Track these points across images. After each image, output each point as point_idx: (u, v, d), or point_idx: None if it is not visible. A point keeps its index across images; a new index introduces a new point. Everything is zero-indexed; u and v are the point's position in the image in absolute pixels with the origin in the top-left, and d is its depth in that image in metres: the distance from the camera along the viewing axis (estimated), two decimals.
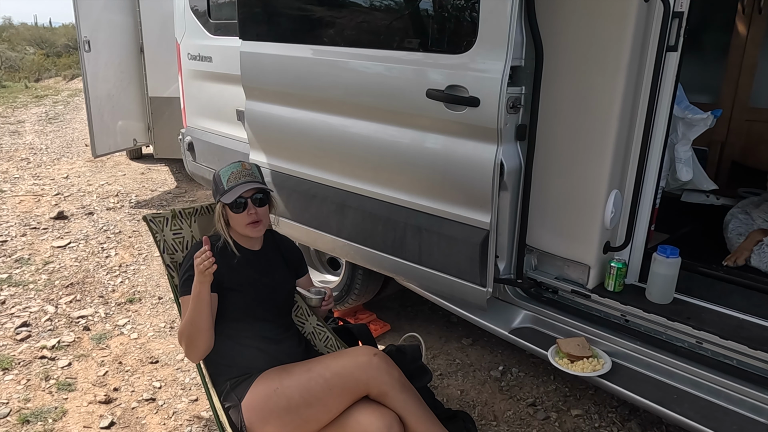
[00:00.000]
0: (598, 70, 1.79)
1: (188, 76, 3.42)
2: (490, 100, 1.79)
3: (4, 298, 3.21)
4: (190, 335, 1.64)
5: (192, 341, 1.65)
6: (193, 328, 1.63)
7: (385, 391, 1.56)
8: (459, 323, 3.01)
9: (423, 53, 1.98)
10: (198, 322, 1.63)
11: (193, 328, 1.63)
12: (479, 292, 2.01)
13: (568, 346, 1.93)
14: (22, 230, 4.23)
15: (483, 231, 1.94)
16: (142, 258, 3.83)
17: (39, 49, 17.91)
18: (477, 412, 2.36)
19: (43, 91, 12.45)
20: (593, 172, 1.88)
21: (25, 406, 2.35)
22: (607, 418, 2.32)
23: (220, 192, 1.76)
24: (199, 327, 1.63)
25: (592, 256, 1.99)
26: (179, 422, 2.28)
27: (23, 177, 5.60)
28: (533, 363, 2.67)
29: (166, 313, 3.13)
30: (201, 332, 1.64)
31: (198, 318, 1.62)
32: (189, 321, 1.63)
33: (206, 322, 1.64)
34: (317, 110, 2.34)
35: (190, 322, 1.63)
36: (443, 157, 1.98)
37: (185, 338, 1.66)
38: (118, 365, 2.65)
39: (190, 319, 1.63)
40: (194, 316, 1.62)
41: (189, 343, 1.66)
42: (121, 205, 4.87)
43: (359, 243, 2.35)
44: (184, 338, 1.66)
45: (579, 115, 1.86)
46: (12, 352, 2.71)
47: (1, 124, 8.30)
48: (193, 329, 1.63)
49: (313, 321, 2.02)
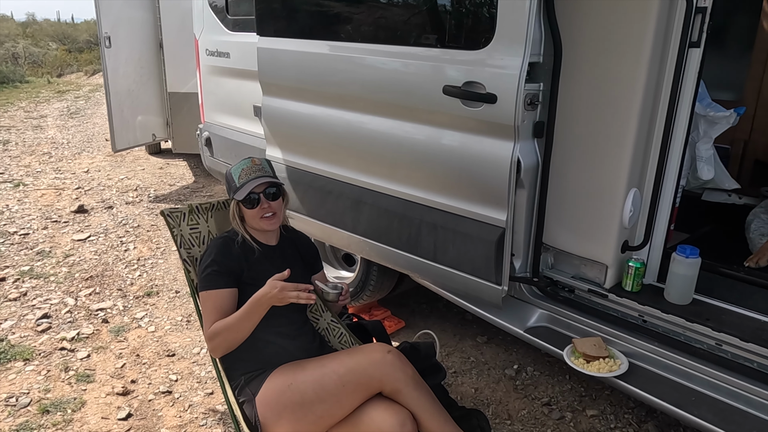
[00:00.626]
0: (618, 66, 1.76)
1: (206, 71, 3.45)
2: (507, 97, 1.77)
3: (26, 290, 3.27)
4: (227, 337, 1.66)
5: (226, 342, 1.67)
6: (238, 335, 1.66)
7: (399, 389, 1.56)
8: (474, 321, 3.00)
9: (440, 49, 1.97)
10: (244, 330, 1.65)
11: (238, 335, 1.66)
12: (494, 290, 1.99)
13: (584, 345, 1.91)
14: (43, 223, 4.30)
15: (499, 229, 1.92)
16: (160, 252, 3.87)
17: (61, 45, 18.19)
18: (491, 410, 2.35)
19: (65, 86, 12.65)
20: (612, 170, 1.85)
21: (45, 397, 2.39)
22: (623, 419, 2.30)
23: (233, 189, 1.77)
24: (244, 335, 1.66)
25: (609, 256, 1.97)
26: (195, 415, 2.31)
27: (45, 171, 5.70)
28: (548, 362, 2.65)
29: (182, 306, 3.17)
30: (242, 339, 1.67)
31: (246, 326, 1.65)
32: (233, 327, 1.65)
33: (250, 332, 1.67)
34: (334, 106, 2.34)
35: (235, 329, 1.65)
36: (459, 154, 1.97)
37: (219, 338, 1.66)
38: (136, 358, 2.69)
39: (235, 326, 1.64)
40: (244, 325, 1.64)
41: (222, 343, 1.67)
42: (140, 200, 4.93)
43: (374, 239, 2.35)
44: (219, 338, 1.67)
45: (598, 112, 1.84)
46: (33, 343, 2.76)
47: (25, 118, 8.44)
48: (237, 336, 1.66)
49: (327, 317, 2.02)
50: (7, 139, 6.95)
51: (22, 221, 4.33)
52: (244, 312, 1.64)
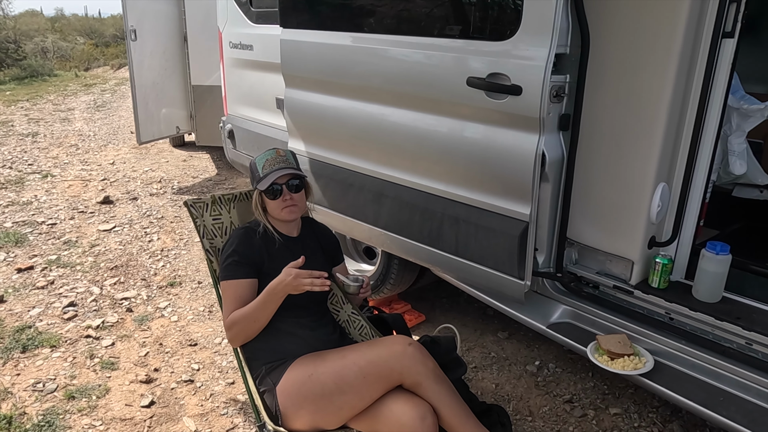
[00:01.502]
0: (648, 56, 1.72)
1: (229, 64, 3.46)
2: (532, 89, 1.74)
3: (53, 279, 3.34)
4: (245, 327, 1.67)
5: (244, 331, 1.68)
6: (255, 324, 1.67)
7: (419, 382, 1.55)
8: (495, 316, 2.97)
9: (464, 40, 1.94)
10: (262, 319, 1.66)
11: (255, 324, 1.67)
12: (517, 285, 1.97)
13: (609, 342, 1.88)
14: (70, 213, 4.38)
15: (522, 223, 1.90)
16: (183, 243, 3.92)
17: (88, 39, 18.49)
18: (512, 406, 2.33)
19: (91, 79, 12.87)
20: (640, 163, 1.81)
21: (71, 383, 2.44)
22: (647, 418, 2.25)
23: (256, 179, 1.78)
24: (262, 324, 1.68)
25: (636, 251, 1.92)
26: (216, 404, 2.33)
27: (72, 162, 5.80)
28: (571, 359, 2.62)
29: (204, 297, 3.20)
30: (259, 328, 1.68)
31: (263, 315, 1.66)
32: (251, 316, 1.66)
33: (267, 321, 1.68)
34: (356, 98, 2.33)
35: (252, 318, 1.66)
36: (483, 147, 1.94)
37: (237, 327, 1.68)
38: (159, 346, 2.73)
39: (252, 315, 1.66)
40: (261, 314, 1.65)
41: (240, 332, 1.69)
42: (163, 191, 4.99)
43: (396, 232, 2.34)
44: (237, 326, 1.68)
45: (626, 104, 1.80)
46: (59, 331, 2.82)
47: (53, 111, 8.61)
48: (254, 325, 1.67)
49: (348, 309, 2.02)
50: (36, 131, 7.10)
51: (50, 211, 4.41)
52: (261, 301, 1.65)
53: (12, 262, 3.54)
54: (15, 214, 4.32)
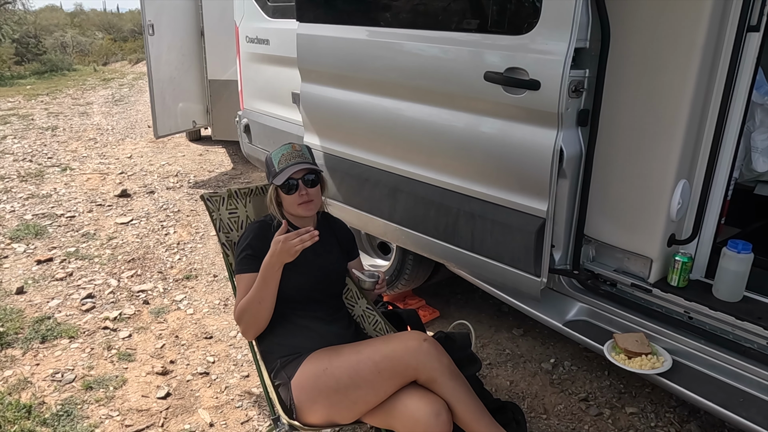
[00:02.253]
0: (671, 50, 1.68)
1: (246, 58, 3.47)
2: (551, 84, 1.72)
3: (72, 270, 3.38)
4: (255, 312, 1.67)
5: (253, 317, 1.68)
6: (260, 306, 1.66)
7: (434, 378, 1.54)
8: (510, 313, 2.95)
9: (481, 34, 1.92)
10: (266, 299, 1.65)
11: (260, 306, 1.66)
12: (533, 281, 1.95)
13: (626, 341, 1.86)
14: (88, 206, 4.44)
15: (539, 219, 1.88)
16: (199, 237, 3.94)
17: (107, 34, 18.70)
18: (526, 404, 2.32)
19: (110, 74, 13.00)
20: (660, 160, 1.78)
21: (88, 373, 2.47)
22: (664, 418, 2.23)
23: (272, 174, 1.78)
24: (267, 305, 1.66)
25: (655, 249, 1.90)
26: (231, 397, 2.35)
27: (90, 156, 5.87)
28: (587, 357, 2.60)
29: (220, 290, 3.22)
30: (266, 310, 1.67)
31: (267, 294, 1.65)
32: (255, 299, 1.66)
33: (272, 299, 1.67)
34: (372, 93, 2.32)
35: (258, 299, 1.65)
36: (500, 142, 1.93)
37: (247, 314, 1.68)
38: (175, 339, 2.75)
39: (257, 297, 1.65)
40: (264, 293, 1.65)
41: (250, 319, 1.69)
42: (180, 185, 5.03)
43: (411, 228, 2.33)
44: (246, 314, 1.68)
45: (647, 99, 1.77)
46: (78, 322, 2.86)
47: (72, 105, 8.72)
48: (260, 308, 1.66)
49: (362, 304, 2.02)
50: (55, 125, 7.19)
51: (69, 204, 4.47)
52: (260, 279, 1.65)
53: (32, 253, 3.59)
54: (35, 207, 4.38)
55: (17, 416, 2.16)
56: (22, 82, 11.05)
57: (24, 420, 2.15)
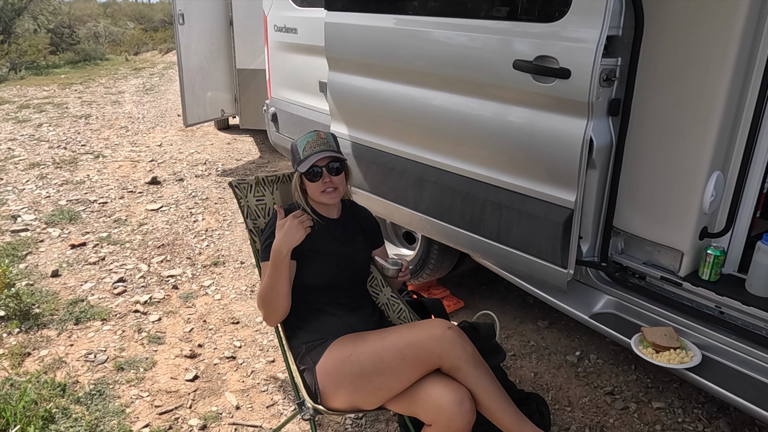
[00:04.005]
0: (707, 38, 1.64)
1: (274, 47, 3.49)
2: (582, 72, 1.69)
3: (104, 255, 3.47)
4: (270, 299, 1.69)
5: (270, 305, 1.70)
6: (273, 293, 1.68)
7: (458, 366, 1.54)
8: (535, 304, 2.93)
9: (511, 22, 1.90)
10: (279, 285, 1.67)
11: (273, 293, 1.68)
12: (559, 273, 1.93)
13: (654, 335, 1.83)
14: (120, 193, 4.54)
15: (567, 210, 1.86)
16: (227, 224, 4.00)
17: (138, 24, 18.97)
18: (551, 396, 2.30)
19: (141, 63, 13.21)
20: (694, 151, 1.74)
21: (120, 355, 2.54)
22: (692, 414, 2.19)
23: (297, 161, 1.79)
24: (281, 291, 1.68)
25: (686, 242, 1.86)
26: (257, 381, 2.39)
27: (122, 144, 5.99)
28: (613, 350, 2.57)
29: (247, 276, 3.27)
30: (279, 296, 1.69)
31: (279, 281, 1.67)
32: (268, 285, 1.68)
33: (286, 286, 1.69)
34: (399, 82, 2.32)
35: (270, 286, 1.68)
36: (528, 132, 1.90)
37: (264, 301, 1.71)
38: (203, 323, 2.81)
39: (269, 284, 1.68)
40: (276, 279, 1.67)
41: (267, 306, 1.71)
42: (208, 173, 5.11)
43: (436, 217, 2.33)
44: (263, 301, 1.71)
45: (681, 88, 1.72)
46: (110, 305, 2.93)
47: (104, 94, 8.89)
48: (273, 294, 1.68)
49: (387, 292, 2.03)
50: (89, 114, 7.35)
51: (101, 191, 4.58)
52: (271, 266, 1.68)
53: (66, 238, 3.69)
54: (69, 193, 4.50)
55: (52, 394, 2.24)
56: (57, 72, 11.31)
57: (59, 398, 2.23)
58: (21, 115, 7.16)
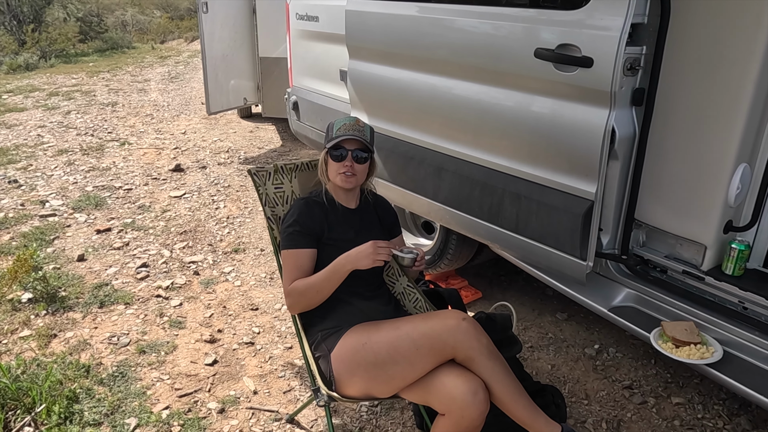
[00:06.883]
0: (735, 25, 1.59)
1: (296, 35, 3.49)
2: (605, 61, 1.66)
3: (128, 240, 3.54)
4: (310, 297, 1.71)
5: (306, 301, 1.72)
6: (318, 296, 1.70)
7: (472, 357, 1.54)
8: (554, 296, 2.91)
9: (534, 9, 1.87)
10: (325, 291, 1.69)
11: (318, 296, 1.70)
12: (579, 265, 1.91)
13: (675, 329, 1.80)
14: (144, 180, 4.61)
15: (587, 201, 1.83)
16: (248, 212, 4.04)
17: (164, 13, 19.15)
18: (567, 388, 2.29)
19: (166, 52, 13.36)
20: (719, 142, 1.70)
21: (142, 338, 2.59)
22: (712, 410, 2.16)
23: (328, 139, 1.80)
24: (324, 296, 1.70)
25: (710, 236, 1.82)
26: (274, 366, 2.42)
27: (147, 131, 6.08)
28: (633, 344, 2.53)
29: (266, 264, 3.30)
30: (321, 299, 1.71)
31: (328, 286, 1.69)
32: (315, 287, 1.69)
33: (330, 293, 1.70)
34: (419, 70, 2.30)
35: (318, 289, 1.69)
36: (549, 121, 1.88)
37: (301, 296, 1.71)
38: (223, 309, 2.85)
39: (316, 286, 1.69)
40: (326, 285, 1.68)
41: (303, 301, 1.72)
42: (230, 161, 5.16)
43: (455, 208, 2.32)
44: (301, 296, 1.71)
45: (708, 77, 1.68)
46: (133, 289, 2.99)
47: (131, 82, 9.02)
48: (318, 296, 1.70)
49: (403, 281, 2.03)
50: (115, 101, 7.47)
51: (127, 177, 4.66)
52: (328, 273, 1.68)
53: (92, 223, 3.77)
54: (95, 179, 4.59)
55: (77, 375, 2.30)
56: (85, 60, 11.50)
57: (83, 378, 2.29)
58: (50, 102, 7.31)
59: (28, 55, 10.54)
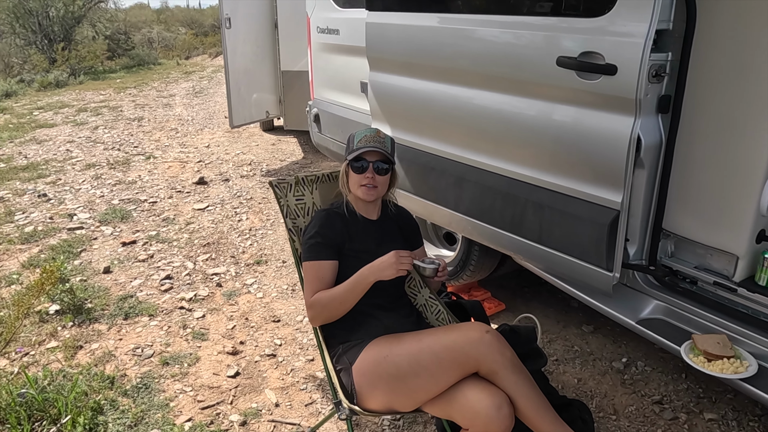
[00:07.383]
0: (763, 30, 1.55)
1: (317, 49, 3.53)
2: (629, 68, 1.63)
3: (153, 253, 3.58)
4: (333, 309, 1.70)
5: (329, 313, 1.71)
6: (341, 308, 1.69)
7: (496, 370, 1.51)
8: (579, 308, 2.85)
9: (555, 17, 1.85)
10: (348, 302, 1.69)
11: (341, 308, 1.69)
12: (605, 276, 1.87)
13: (706, 343, 1.74)
14: (169, 193, 4.68)
15: (612, 211, 1.79)
16: (270, 223, 4.07)
17: (189, 30, 19.57)
18: (595, 403, 2.23)
19: (191, 67, 13.62)
20: (750, 149, 1.65)
21: (165, 350, 2.61)
22: (747, 427, 2.08)
23: (349, 150, 1.80)
24: (347, 307, 1.70)
25: (742, 246, 1.76)
26: (296, 379, 2.41)
27: (172, 145, 6.18)
28: (662, 358, 2.46)
29: (288, 276, 3.31)
30: (344, 311, 1.70)
31: (351, 297, 1.68)
32: (338, 298, 1.68)
33: (354, 304, 1.70)
34: (440, 81, 2.30)
35: (341, 301, 1.68)
36: (572, 130, 1.85)
37: (324, 309, 1.70)
38: (245, 321, 2.85)
39: (340, 297, 1.68)
40: (349, 296, 1.68)
41: (326, 313, 1.71)
42: (253, 173, 5.20)
43: (477, 218, 2.29)
44: (324, 308, 1.70)
45: (736, 83, 1.64)
46: (157, 301, 3.02)
47: (156, 97, 9.21)
48: (341, 308, 1.69)
49: (425, 293, 2.01)
50: (141, 116, 7.62)
51: (152, 190, 4.73)
52: (351, 285, 1.67)
53: (118, 236, 3.83)
54: (121, 192, 4.67)
55: (102, 386, 2.32)
56: (113, 76, 11.79)
57: (107, 390, 2.31)
58: (79, 118, 7.49)
59: (58, 73, 10.85)
